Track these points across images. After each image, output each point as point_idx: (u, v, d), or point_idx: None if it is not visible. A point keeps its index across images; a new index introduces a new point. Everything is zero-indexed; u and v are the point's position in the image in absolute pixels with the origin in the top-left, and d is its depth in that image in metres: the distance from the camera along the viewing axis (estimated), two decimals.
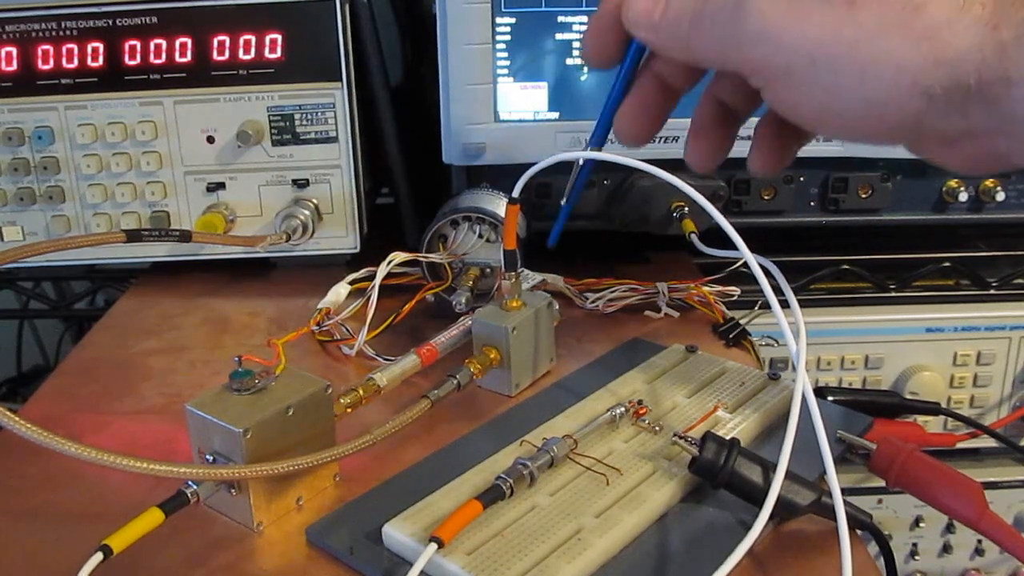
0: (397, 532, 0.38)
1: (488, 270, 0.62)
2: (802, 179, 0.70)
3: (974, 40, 0.30)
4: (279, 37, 0.64)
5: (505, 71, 0.66)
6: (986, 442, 0.71)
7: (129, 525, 0.36)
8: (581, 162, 0.48)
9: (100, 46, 0.64)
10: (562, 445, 0.42)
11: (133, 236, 0.53)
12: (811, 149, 0.67)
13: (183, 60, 0.65)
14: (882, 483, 0.46)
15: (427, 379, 0.51)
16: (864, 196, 0.70)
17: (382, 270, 0.60)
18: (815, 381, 0.69)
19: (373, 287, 0.59)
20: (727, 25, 0.34)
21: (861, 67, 0.31)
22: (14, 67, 0.64)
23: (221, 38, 0.64)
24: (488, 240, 0.62)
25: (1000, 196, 0.70)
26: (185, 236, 0.56)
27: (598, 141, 0.47)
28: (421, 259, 0.61)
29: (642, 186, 0.67)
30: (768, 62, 0.34)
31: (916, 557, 0.75)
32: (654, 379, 0.51)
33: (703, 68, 0.40)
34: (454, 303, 0.59)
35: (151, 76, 0.65)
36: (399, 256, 0.60)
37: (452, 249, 0.62)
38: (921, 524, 0.74)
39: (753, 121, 0.42)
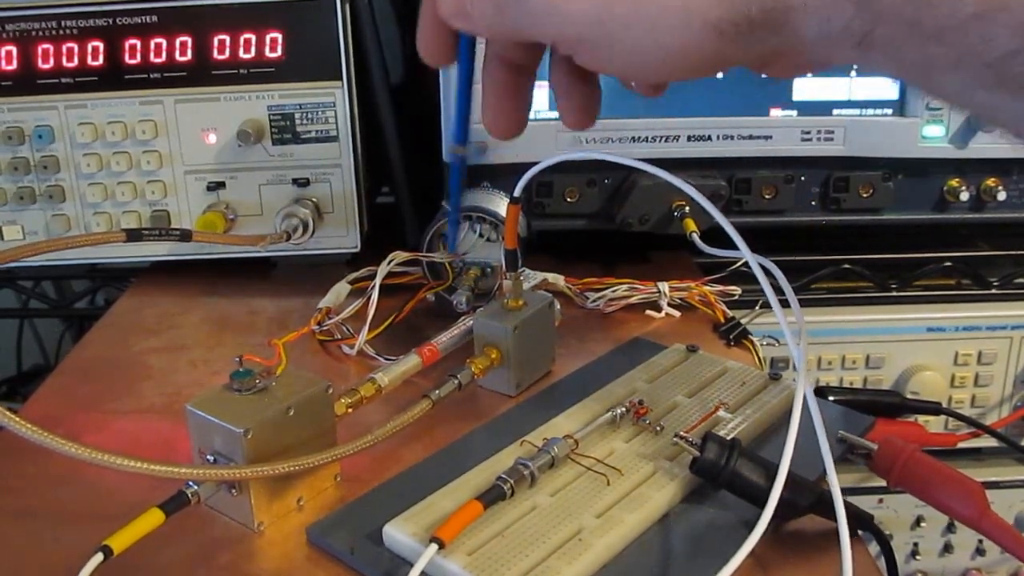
0: (398, 532, 0.38)
1: (489, 269, 0.62)
2: (803, 178, 0.70)
3: None
4: (279, 36, 0.64)
5: None
6: (987, 442, 0.71)
7: (129, 525, 0.36)
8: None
9: (100, 45, 0.64)
10: (563, 445, 0.41)
11: (133, 235, 0.53)
12: (812, 148, 0.67)
13: (183, 59, 0.64)
14: (883, 483, 0.46)
15: (428, 379, 0.51)
16: (865, 195, 0.70)
17: (382, 269, 0.60)
18: (816, 381, 0.69)
19: (373, 286, 0.59)
20: (518, 4, 0.34)
21: (649, 19, 0.32)
22: (14, 66, 0.64)
23: (221, 37, 0.64)
24: (488, 239, 0.62)
25: (1001, 195, 0.70)
26: (185, 235, 0.56)
27: (461, 137, 0.49)
28: (422, 258, 0.61)
29: (643, 185, 0.67)
30: (563, 33, 0.34)
31: (917, 557, 0.75)
32: (655, 379, 0.51)
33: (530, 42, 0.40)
34: (455, 303, 0.59)
35: (151, 75, 0.65)
36: (399, 255, 0.60)
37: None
38: (922, 524, 0.74)
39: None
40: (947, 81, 0.29)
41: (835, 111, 0.68)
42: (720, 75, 0.66)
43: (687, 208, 0.67)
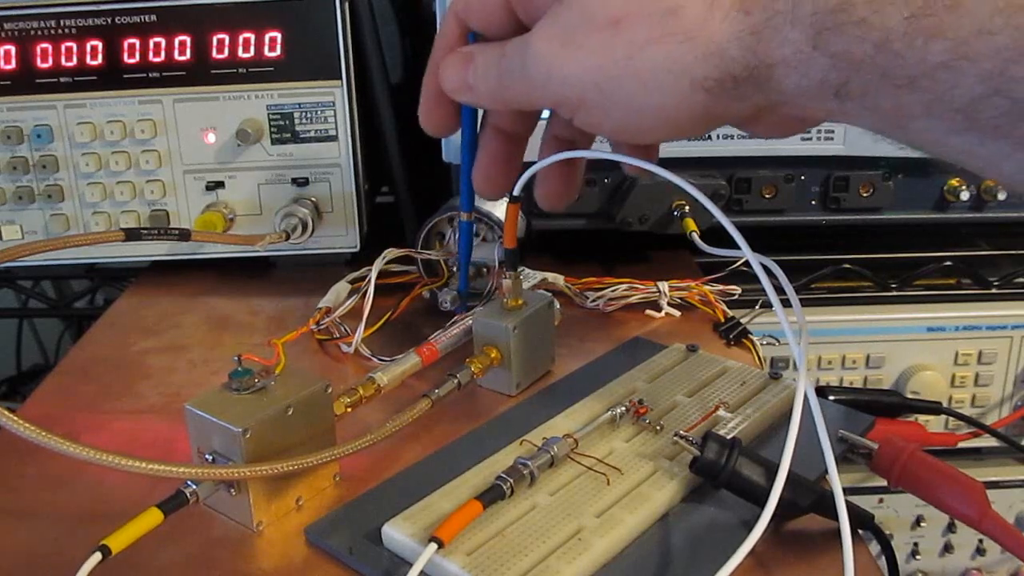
0: (397, 532, 0.38)
1: (485, 269, 0.62)
2: (803, 178, 0.70)
3: (731, 29, 0.31)
4: (279, 35, 0.64)
5: None
6: (988, 441, 0.71)
7: (128, 525, 0.35)
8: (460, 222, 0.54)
9: (99, 44, 0.64)
10: (562, 445, 0.41)
11: (132, 235, 0.53)
12: (812, 148, 0.67)
13: (182, 58, 0.64)
14: (883, 482, 0.46)
15: (427, 379, 0.51)
16: (865, 195, 0.70)
17: (377, 265, 0.60)
18: (816, 380, 0.69)
19: (369, 282, 0.59)
20: (521, 73, 0.37)
21: (641, 79, 0.33)
22: (13, 65, 0.64)
23: (220, 36, 0.64)
24: (485, 239, 0.61)
25: (1001, 195, 0.70)
26: (184, 235, 0.56)
27: (468, 205, 0.52)
28: (415, 255, 0.61)
29: (642, 185, 0.67)
30: (563, 97, 0.36)
31: (917, 556, 0.75)
32: (655, 378, 0.50)
33: (531, 111, 0.43)
34: (439, 301, 0.59)
35: (150, 74, 0.65)
36: (393, 252, 0.60)
37: (448, 247, 0.62)
38: (922, 523, 0.74)
39: None
40: (922, 128, 0.30)
41: None
42: None
43: (687, 208, 0.67)
